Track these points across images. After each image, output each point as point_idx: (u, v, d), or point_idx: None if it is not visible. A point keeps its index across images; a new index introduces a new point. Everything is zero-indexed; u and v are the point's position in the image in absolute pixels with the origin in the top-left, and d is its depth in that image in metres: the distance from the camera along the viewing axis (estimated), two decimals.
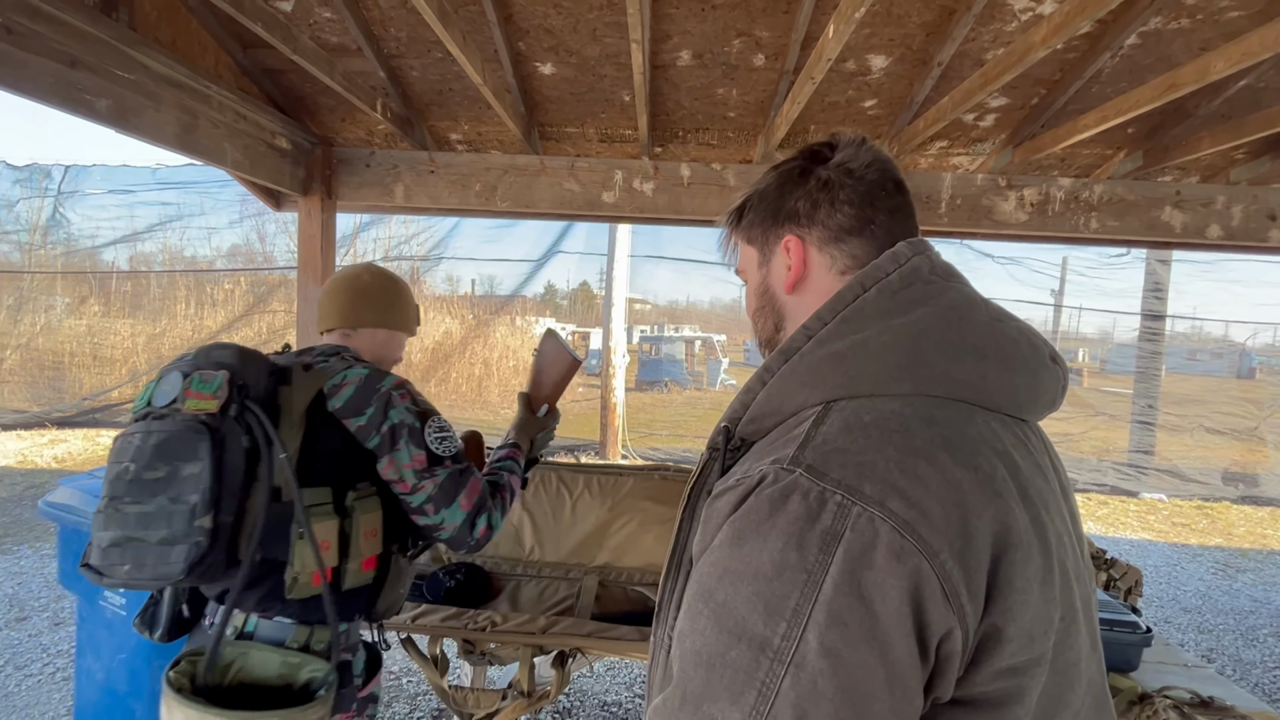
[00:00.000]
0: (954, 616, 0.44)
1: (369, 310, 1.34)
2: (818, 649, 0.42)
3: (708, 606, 0.47)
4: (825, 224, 0.63)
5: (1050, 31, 1.73)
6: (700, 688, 0.45)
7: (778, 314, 0.67)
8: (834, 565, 0.43)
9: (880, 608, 0.43)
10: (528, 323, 14.17)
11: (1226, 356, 17.43)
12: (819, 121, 2.90)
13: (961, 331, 0.54)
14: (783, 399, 0.55)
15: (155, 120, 2.16)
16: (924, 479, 0.46)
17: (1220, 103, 2.59)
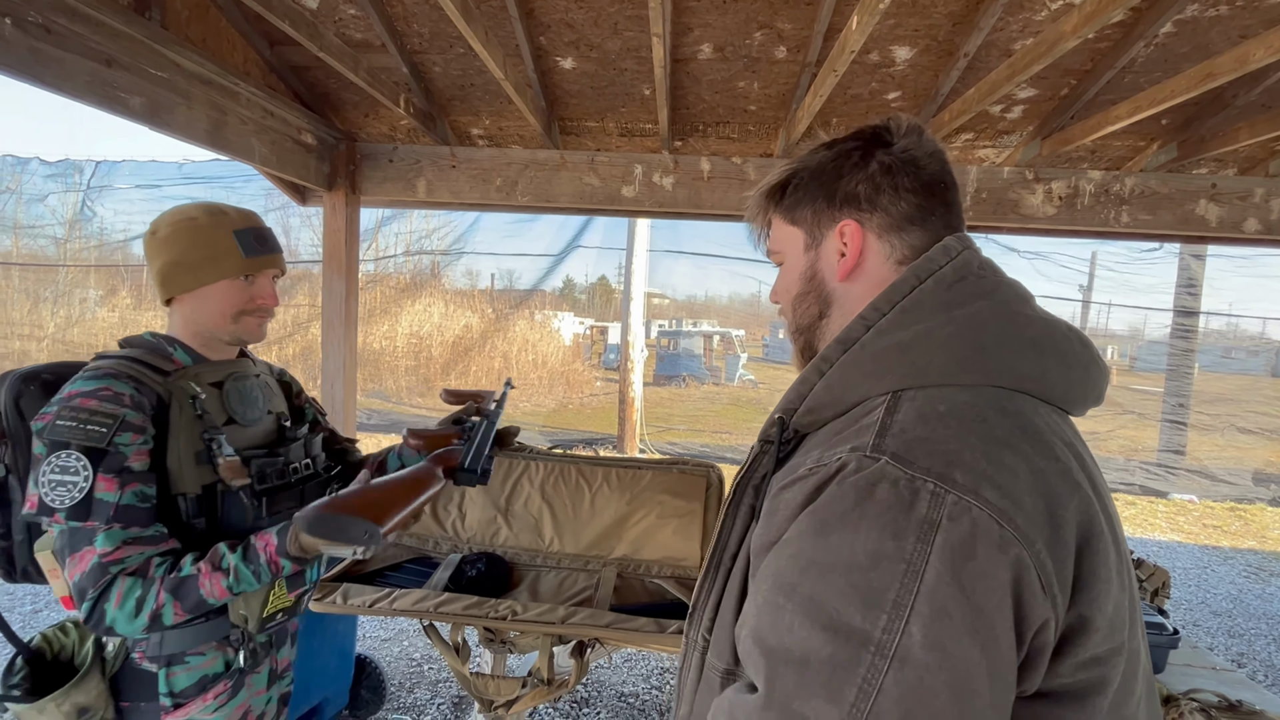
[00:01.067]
0: (1049, 607, 0.43)
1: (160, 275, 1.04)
2: (922, 642, 0.41)
3: (791, 601, 0.45)
4: (888, 210, 0.61)
5: (1082, 20, 1.69)
6: (791, 687, 0.43)
7: (824, 301, 0.64)
8: (934, 555, 0.42)
9: (983, 599, 0.41)
10: (546, 316, 14.25)
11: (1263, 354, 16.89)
12: (841, 114, 2.87)
13: (1019, 326, 0.54)
14: (844, 389, 0.54)
15: (187, 117, 2.21)
16: (1012, 468, 0.45)
17: (1260, 92, 2.50)
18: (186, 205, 1.06)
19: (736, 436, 8.70)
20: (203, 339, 1.07)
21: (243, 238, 1.04)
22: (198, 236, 1.02)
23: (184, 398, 0.99)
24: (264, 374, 1.19)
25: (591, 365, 15.48)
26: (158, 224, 1.05)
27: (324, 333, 3.19)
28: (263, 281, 1.08)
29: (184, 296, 1.05)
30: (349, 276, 3.16)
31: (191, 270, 1.02)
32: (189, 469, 0.97)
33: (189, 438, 0.98)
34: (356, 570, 1.67)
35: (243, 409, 1.08)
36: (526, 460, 1.89)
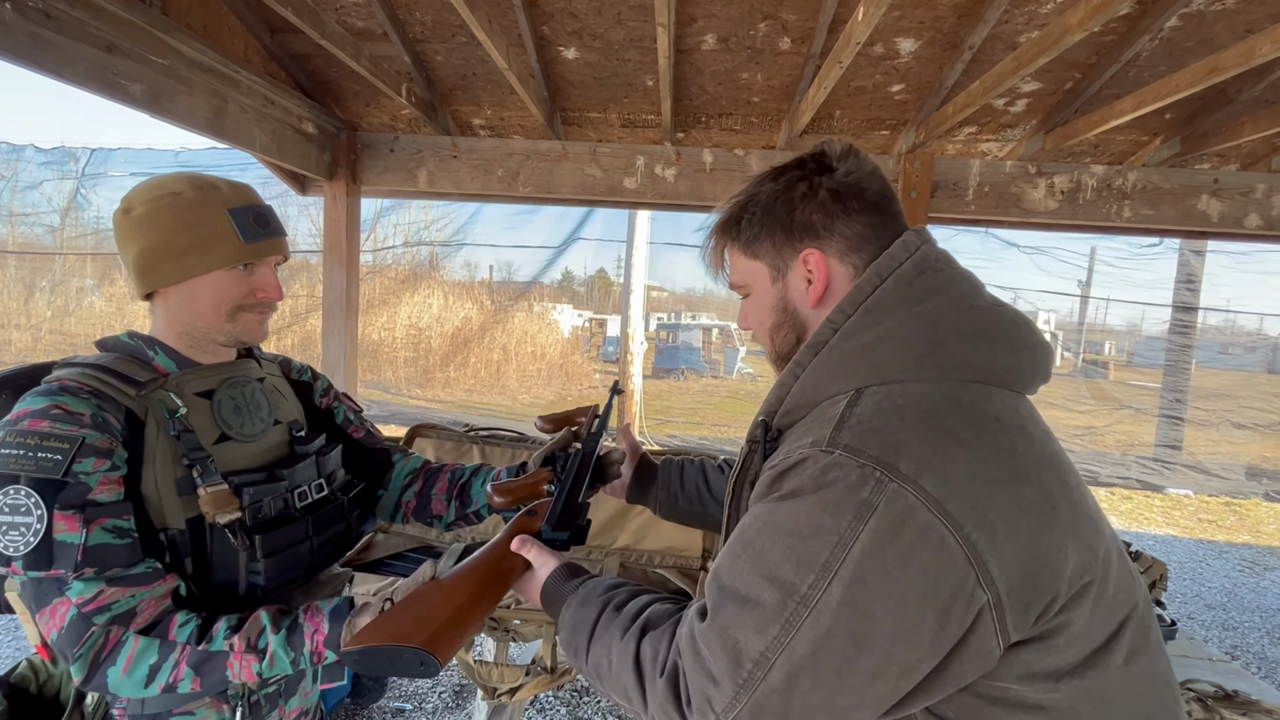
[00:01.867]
0: (977, 579, 0.49)
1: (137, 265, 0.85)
2: (839, 600, 0.49)
3: (746, 552, 0.54)
4: (844, 234, 0.65)
5: (1088, 13, 1.68)
6: (731, 617, 0.52)
7: (799, 327, 0.68)
8: (864, 533, 0.49)
9: (900, 573, 0.48)
10: (545, 309, 14.24)
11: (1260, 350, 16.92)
12: (844, 107, 2.86)
13: (972, 318, 0.59)
14: (815, 390, 0.60)
15: (187, 105, 2.19)
16: (954, 458, 0.51)
17: (1264, 87, 2.50)
18: (165, 177, 0.86)
19: (735, 429, 8.72)
20: (191, 340, 0.89)
21: (240, 218, 0.85)
22: (184, 216, 0.83)
23: (161, 414, 0.81)
24: (271, 376, 1.01)
25: (590, 357, 15.49)
26: (131, 199, 0.85)
27: (324, 323, 3.18)
28: (264, 271, 0.90)
29: (168, 290, 0.86)
30: (350, 266, 3.15)
31: (177, 258, 0.83)
32: (170, 500, 0.80)
33: (166, 463, 0.80)
34: (360, 559, 1.67)
35: (238, 421, 0.89)
36: (530, 450, 1.89)
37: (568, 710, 2.31)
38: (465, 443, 1.92)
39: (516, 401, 9.63)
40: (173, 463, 0.81)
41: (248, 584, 0.85)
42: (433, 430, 1.95)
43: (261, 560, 0.84)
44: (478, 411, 8.30)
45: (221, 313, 0.87)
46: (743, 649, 0.51)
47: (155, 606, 0.74)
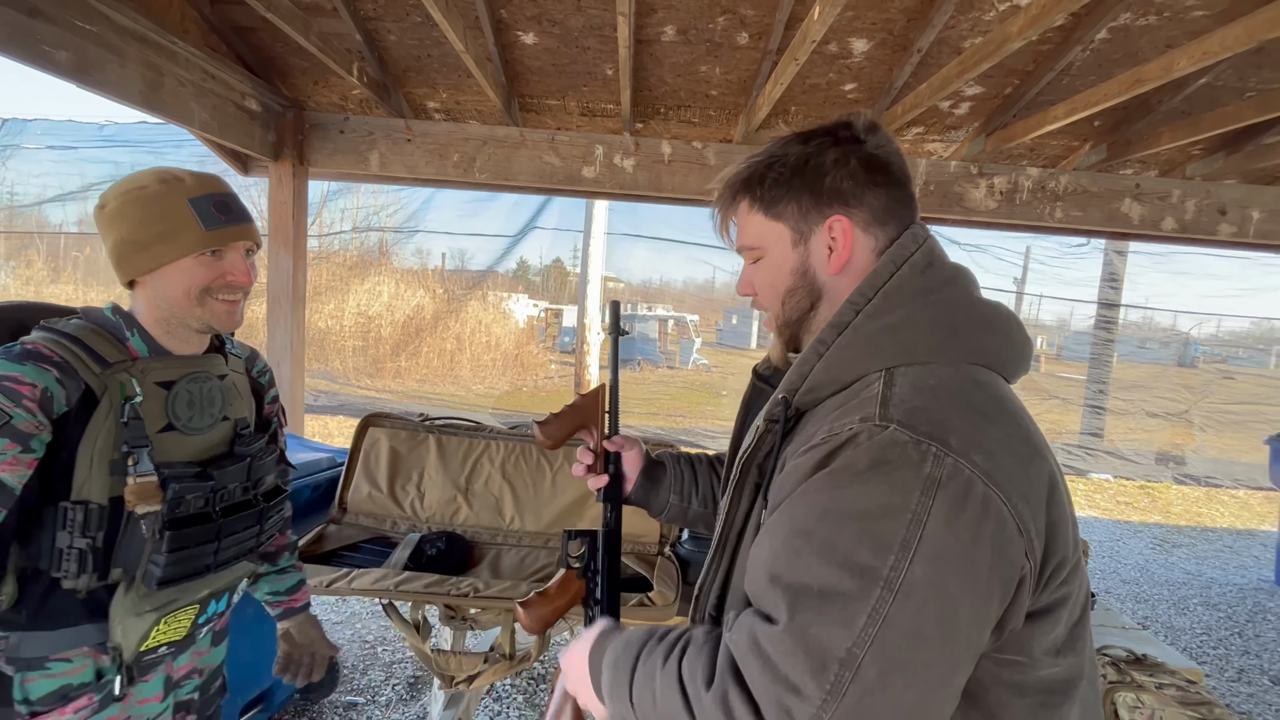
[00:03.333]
0: (1024, 549, 0.51)
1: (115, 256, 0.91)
2: (923, 578, 0.47)
3: (809, 545, 0.51)
4: (871, 205, 0.65)
5: (1027, 23, 1.78)
6: (810, 616, 0.48)
7: (815, 294, 0.67)
8: (935, 507, 0.48)
9: (972, 545, 0.49)
10: (500, 298, 14.02)
11: (1172, 345, 18.24)
12: (800, 103, 2.92)
13: (979, 308, 0.62)
14: (842, 369, 0.59)
15: (119, 76, 2.07)
16: (991, 436, 0.52)
17: (1181, 99, 2.69)
18: (139, 172, 0.93)
19: (691, 420, 8.83)
20: (168, 326, 0.93)
21: (200, 207, 0.90)
22: (149, 208, 0.89)
23: (117, 397, 0.86)
24: (234, 373, 1.04)
25: (545, 348, 15.35)
26: (106, 196, 0.92)
27: (270, 311, 3.06)
28: (232, 256, 0.93)
29: (145, 279, 0.91)
30: (296, 251, 3.04)
31: (146, 248, 0.89)
32: (99, 476, 0.85)
33: (107, 444, 0.85)
34: (312, 550, 1.63)
35: (188, 415, 0.93)
36: (487, 440, 1.88)
37: (525, 698, 2.32)
38: (421, 432, 1.90)
39: (470, 392, 9.47)
40: (114, 445, 0.86)
41: (146, 571, 0.88)
42: (387, 420, 1.92)
43: (165, 554, 0.87)
44: (430, 402, 8.12)
45: (191, 297, 0.91)
46: (827, 648, 0.47)
47: None
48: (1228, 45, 1.78)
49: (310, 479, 1.84)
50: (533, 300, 21.94)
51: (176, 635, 0.94)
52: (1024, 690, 0.54)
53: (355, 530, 1.75)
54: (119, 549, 0.88)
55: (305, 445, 2.13)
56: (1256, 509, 6.49)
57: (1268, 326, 16.78)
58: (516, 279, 19.43)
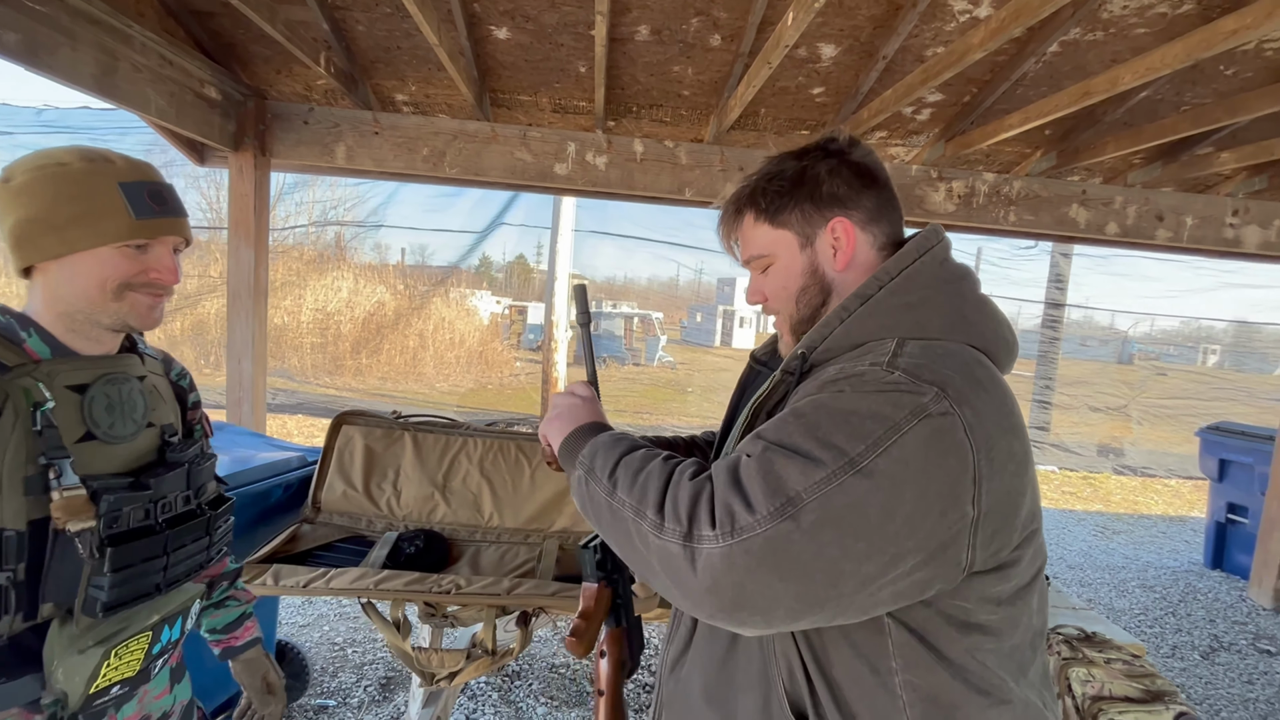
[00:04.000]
0: (971, 499, 0.57)
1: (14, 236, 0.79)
2: (883, 470, 0.54)
3: (798, 421, 0.58)
4: (864, 206, 0.72)
5: (988, 35, 1.86)
6: (778, 458, 0.56)
7: (826, 290, 0.73)
8: (917, 427, 0.56)
9: (934, 469, 0.55)
10: (463, 295, 13.81)
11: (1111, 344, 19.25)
12: (769, 105, 2.98)
13: (984, 305, 0.70)
14: (860, 333, 0.66)
15: (71, 59, 1.97)
16: (982, 401, 0.60)
17: (1124, 111, 2.85)
18: (56, 148, 0.81)
19: (657, 417, 8.89)
20: (71, 323, 0.81)
21: (132, 193, 0.79)
22: (68, 187, 0.77)
23: (23, 405, 0.74)
24: (153, 374, 0.93)
25: (510, 345, 15.20)
26: (12, 170, 0.79)
27: (230, 306, 2.96)
28: (159, 251, 0.83)
29: (47, 265, 0.79)
30: (258, 245, 2.94)
31: (57, 230, 0.77)
32: (12, 499, 0.73)
33: (18, 460, 0.73)
34: (286, 551, 1.60)
35: (108, 421, 0.82)
36: (464, 437, 1.87)
37: (500, 695, 2.32)
38: (396, 430, 1.88)
39: (434, 389, 9.32)
40: (25, 460, 0.74)
41: (87, 598, 0.78)
42: (361, 417, 1.89)
43: (108, 575, 0.77)
44: (394, 400, 7.96)
45: (107, 291, 0.80)
46: (784, 483, 0.54)
47: None
48: (1168, 62, 1.91)
49: (281, 478, 1.80)
50: (496, 297, 21.68)
51: (129, 670, 0.83)
52: (960, 625, 0.61)
53: (330, 530, 1.72)
54: (47, 580, 0.76)
55: (273, 444, 2.08)
56: (1187, 497, 6.92)
57: (1195, 326, 17.78)
58: (480, 275, 19.17)
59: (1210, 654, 3.16)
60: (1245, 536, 4.16)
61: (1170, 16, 2.27)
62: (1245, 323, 13.91)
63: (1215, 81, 2.64)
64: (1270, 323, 14.40)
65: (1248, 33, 1.67)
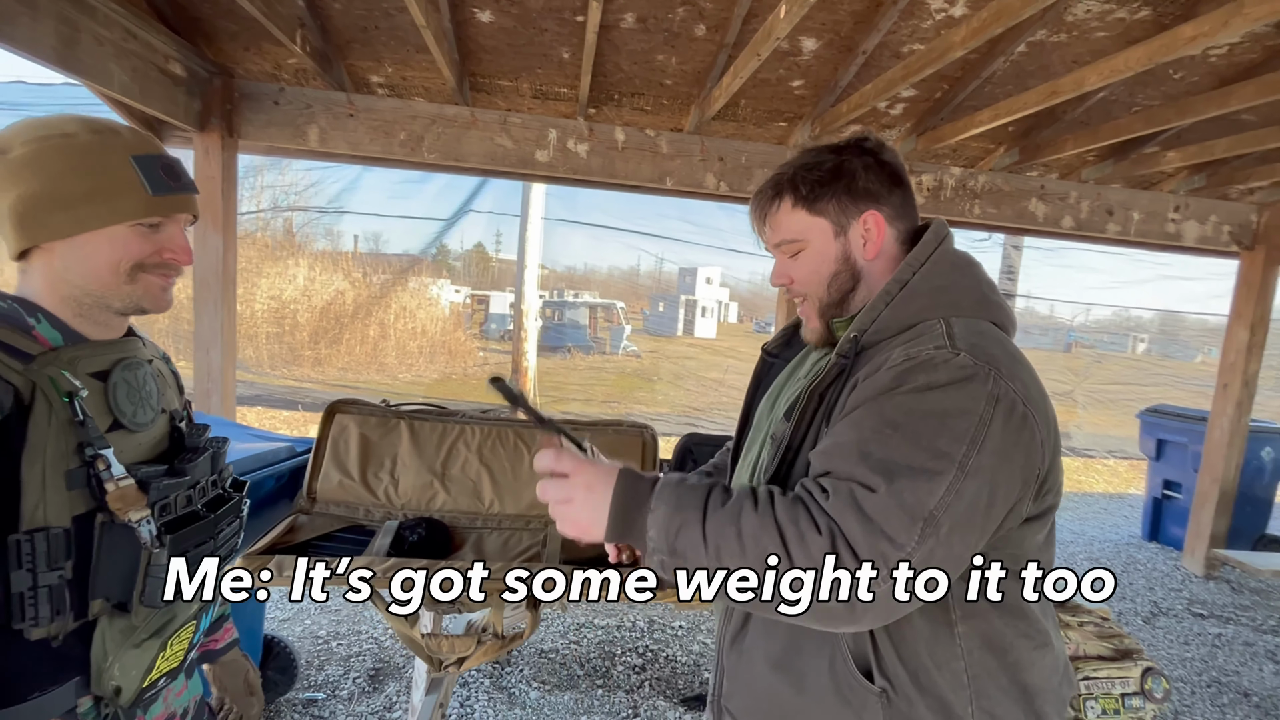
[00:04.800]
0: (1041, 457, 0.67)
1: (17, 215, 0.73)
2: (985, 465, 0.62)
3: (898, 433, 0.64)
4: (893, 203, 0.79)
5: (969, 34, 1.94)
6: (903, 485, 0.61)
7: (855, 275, 0.80)
8: (996, 416, 0.63)
9: (1015, 446, 0.64)
10: (423, 284, 13.51)
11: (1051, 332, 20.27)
12: (750, 97, 3.03)
13: (993, 286, 0.78)
14: (905, 315, 0.72)
15: (31, 31, 1.86)
16: (1020, 371, 0.68)
17: (1082, 110, 3.01)
18: (55, 116, 0.74)
19: (625, 406, 8.93)
20: (80, 307, 0.76)
21: (146, 167, 0.75)
22: (79, 160, 0.72)
23: (55, 395, 0.70)
24: (156, 359, 0.90)
25: (472, 335, 14.96)
26: (8, 138, 0.72)
27: (198, 293, 2.84)
28: (172, 229, 0.79)
29: (51, 245, 0.73)
30: (226, 230, 2.83)
31: (69, 208, 0.72)
32: (55, 495, 0.69)
33: (59, 453, 0.69)
34: (285, 542, 1.57)
35: (132, 409, 0.79)
36: (462, 424, 1.87)
37: (492, 682, 2.33)
38: (391, 418, 1.85)
39: (397, 380, 9.12)
40: (66, 453, 0.70)
41: (147, 588, 0.75)
42: (354, 406, 1.86)
43: (167, 564, 0.76)
44: (357, 391, 7.75)
45: (120, 273, 0.76)
46: (916, 509, 0.60)
47: None
48: (1130, 65, 2.03)
49: (273, 469, 1.77)
50: (455, 286, 21.26)
51: (175, 661, 0.82)
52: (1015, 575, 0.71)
53: (327, 520, 1.70)
54: (98, 575, 0.72)
55: (259, 435, 2.02)
56: (1125, 475, 7.38)
57: (1126, 315, 18.82)
58: (438, 264, 18.75)
59: (1151, 619, 3.41)
60: (1179, 511, 4.48)
61: (1128, 21, 2.40)
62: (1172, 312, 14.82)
63: (1164, 84, 2.82)
64: (1193, 312, 15.38)
65: (1205, 40, 1.80)
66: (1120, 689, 1.37)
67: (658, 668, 2.55)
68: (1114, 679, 1.36)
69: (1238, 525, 4.14)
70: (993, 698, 0.69)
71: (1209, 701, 2.64)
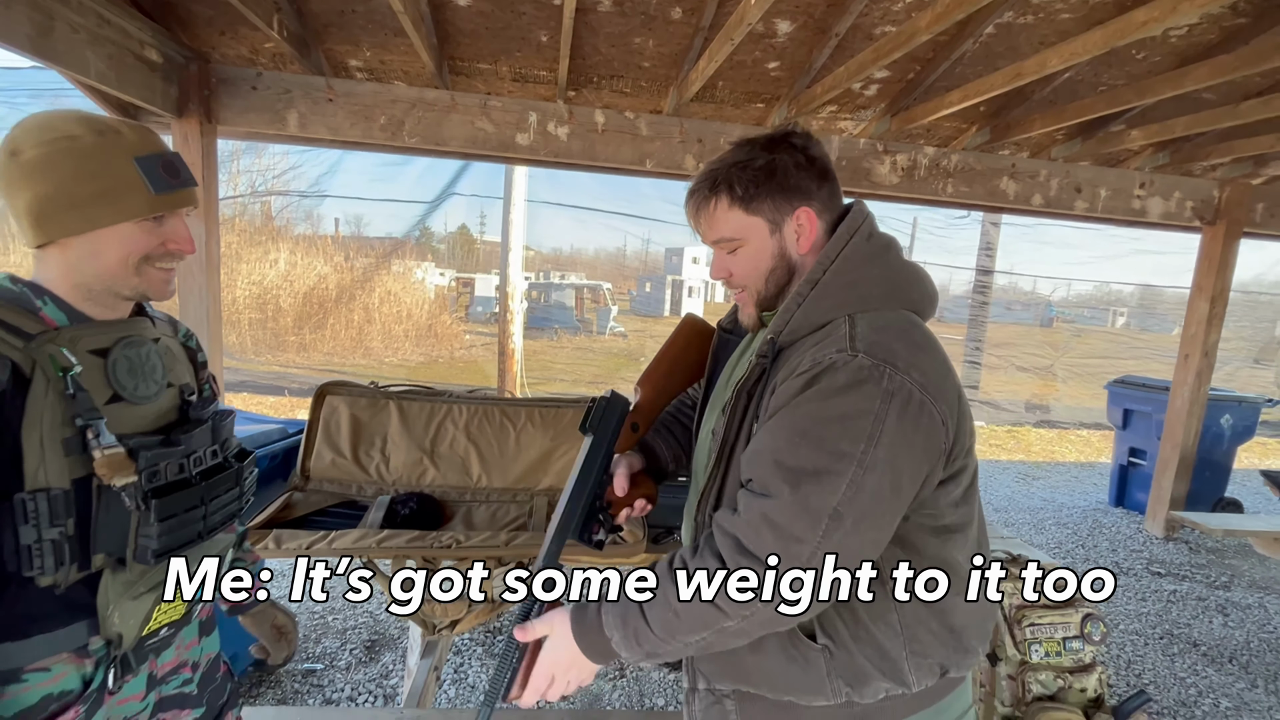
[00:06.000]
0: (944, 436, 0.74)
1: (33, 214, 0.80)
2: (884, 458, 0.68)
3: (806, 440, 0.70)
4: (821, 197, 0.84)
5: (934, 18, 2.01)
6: (808, 490, 0.68)
7: (791, 269, 0.85)
8: (891, 411, 0.69)
9: (913, 433, 0.70)
10: (408, 267, 13.43)
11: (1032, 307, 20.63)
12: (727, 79, 3.07)
13: (907, 270, 0.83)
14: (816, 314, 0.78)
15: (5, 19, 1.86)
16: (925, 360, 0.74)
17: (1049, 91, 3.09)
18: (54, 115, 0.80)
19: (611, 384, 8.99)
20: (88, 292, 0.84)
21: (147, 167, 0.81)
22: (86, 163, 0.78)
23: (52, 370, 0.77)
24: (166, 337, 0.96)
25: (458, 318, 14.93)
26: (19, 141, 0.78)
27: (182, 280, 2.86)
28: (174, 222, 0.86)
29: (68, 241, 0.81)
30: (209, 216, 2.85)
31: (79, 208, 0.79)
32: (54, 460, 0.77)
33: (55, 422, 0.77)
34: (282, 517, 1.64)
35: (133, 383, 0.86)
36: (449, 404, 1.94)
37: (484, 649, 2.43)
38: (380, 399, 1.92)
39: (383, 364, 9.12)
40: (62, 422, 0.77)
41: (138, 547, 0.83)
42: (344, 388, 1.92)
43: (155, 525, 0.83)
44: (343, 375, 7.77)
45: (129, 265, 0.83)
46: (819, 509, 0.67)
47: None
48: (1089, 48, 2.10)
49: (266, 449, 1.83)
50: (439, 269, 21.10)
51: (176, 614, 0.91)
52: (935, 530, 0.78)
53: (322, 496, 1.77)
54: (97, 532, 0.80)
55: (250, 418, 2.08)
56: (1096, 445, 7.62)
57: (1106, 290, 19.12)
58: (421, 247, 18.59)
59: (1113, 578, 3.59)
60: (1143, 477, 4.68)
61: (1091, 3, 2.47)
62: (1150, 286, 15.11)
63: (1128, 65, 2.90)
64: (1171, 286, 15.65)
65: (1156, 24, 1.88)
66: (1062, 633, 1.49)
67: None
68: (1055, 624, 1.49)
69: (1197, 489, 4.34)
70: (924, 641, 0.77)
71: (1160, 652, 2.82)
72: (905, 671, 0.77)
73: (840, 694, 0.77)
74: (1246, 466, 6.44)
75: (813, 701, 0.78)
